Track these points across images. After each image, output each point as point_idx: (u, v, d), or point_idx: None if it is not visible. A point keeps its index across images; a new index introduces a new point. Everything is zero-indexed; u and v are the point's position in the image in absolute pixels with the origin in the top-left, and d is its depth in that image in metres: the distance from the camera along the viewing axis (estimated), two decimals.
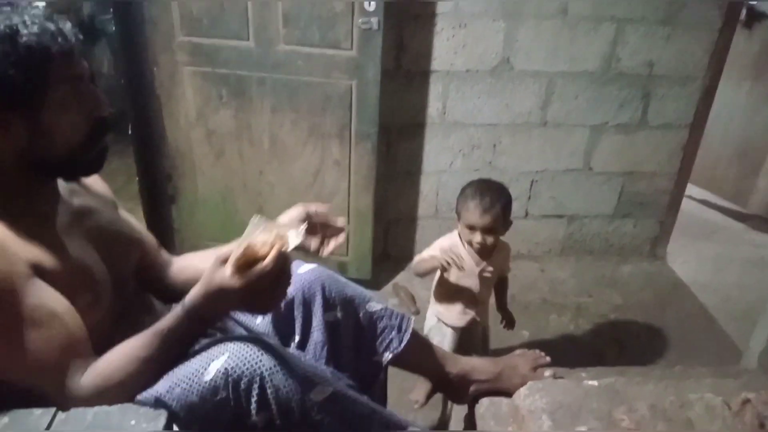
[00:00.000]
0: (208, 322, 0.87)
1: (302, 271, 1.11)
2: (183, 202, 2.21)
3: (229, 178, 2.13)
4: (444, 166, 2.37)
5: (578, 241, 2.61)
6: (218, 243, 2.20)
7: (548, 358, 1.27)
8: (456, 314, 1.68)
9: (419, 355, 1.20)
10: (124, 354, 0.83)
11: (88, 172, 0.91)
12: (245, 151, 2.07)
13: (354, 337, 1.12)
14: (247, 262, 0.79)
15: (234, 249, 0.80)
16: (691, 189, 2.93)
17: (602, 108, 2.32)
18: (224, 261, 0.80)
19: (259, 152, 2.07)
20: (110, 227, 0.98)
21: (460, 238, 1.66)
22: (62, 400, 0.79)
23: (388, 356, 1.15)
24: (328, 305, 1.09)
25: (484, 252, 1.62)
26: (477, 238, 1.56)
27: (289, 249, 0.81)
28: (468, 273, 1.64)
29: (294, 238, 0.81)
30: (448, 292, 1.68)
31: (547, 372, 1.20)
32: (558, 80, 2.24)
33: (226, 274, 0.79)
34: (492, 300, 1.79)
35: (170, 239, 2.31)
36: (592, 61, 2.23)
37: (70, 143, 0.84)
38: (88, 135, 0.85)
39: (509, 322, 1.81)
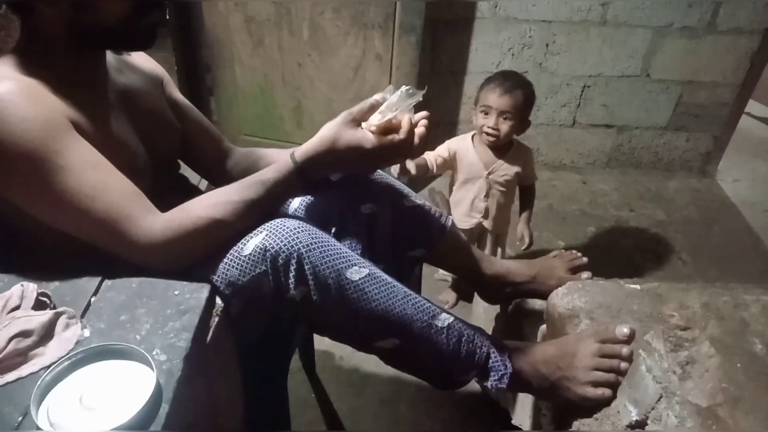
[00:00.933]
0: (314, 179, 0.89)
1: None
2: (222, 94, 2.18)
3: (268, 70, 2.07)
4: (491, 66, 2.24)
5: (626, 153, 2.50)
6: (256, 136, 2.22)
7: (585, 259, 1.24)
8: (461, 215, 1.65)
9: (455, 254, 1.18)
10: (212, 200, 0.83)
11: (138, 47, 0.88)
12: (284, 40, 1.99)
13: (391, 230, 1.11)
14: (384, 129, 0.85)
15: (360, 110, 0.85)
16: (752, 105, 2.73)
17: (669, 7, 2.13)
18: (354, 121, 0.85)
19: (299, 42, 1.99)
20: (154, 110, 0.97)
21: (472, 140, 1.60)
22: (132, 248, 0.78)
23: (424, 252, 1.15)
24: (365, 196, 1.07)
25: (496, 145, 1.54)
26: (490, 121, 1.49)
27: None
28: (474, 175, 1.59)
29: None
30: (457, 192, 1.65)
31: (585, 274, 1.18)
32: None
33: (367, 136, 0.84)
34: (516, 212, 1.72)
35: None
36: None
37: (115, 15, 0.80)
38: (134, 6, 0.81)
39: (526, 239, 1.70)
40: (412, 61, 1.96)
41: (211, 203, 0.83)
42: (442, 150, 1.60)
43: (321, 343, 1.44)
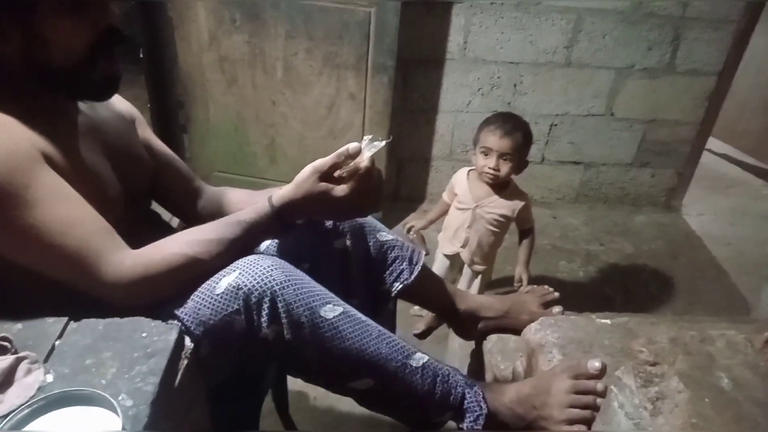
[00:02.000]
0: (290, 224, 0.90)
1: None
2: (195, 131, 2.18)
3: (242, 107, 2.08)
4: (461, 105, 2.30)
5: (593, 188, 2.57)
6: (230, 173, 2.21)
7: (557, 294, 1.26)
8: (444, 240, 1.73)
9: (428, 289, 1.19)
10: (185, 237, 0.83)
11: (94, 96, 0.86)
12: (258, 79, 2.01)
13: (364, 265, 1.11)
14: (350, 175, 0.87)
15: (329, 161, 0.85)
16: (712, 142, 2.85)
17: (630, 49, 2.23)
18: (329, 170, 0.85)
19: (273, 81, 2.01)
20: (126, 146, 0.96)
21: (468, 175, 1.66)
22: (101, 285, 0.76)
23: (398, 287, 1.15)
24: (338, 232, 1.07)
25: (496, 182, 1.59)
26: (491, 162, 1.54)
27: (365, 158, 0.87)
28: (464, 205, 1.65)
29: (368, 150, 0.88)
30: (449, 217, 1.72)
31: (556, 308, 1.19)
32: (587, 17, 2.14)
33: (339, 186, 0.85)
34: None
35: None
36: None
37: (71, 56, 0.78)
38: (92, 47, 0.79)
39: (524, 281, 1.72)
40: (385, 100, 2.00)
41: (184, 240, 0.82)
42: (447, 189, 1.71)
43: (294, 383, 1.41)
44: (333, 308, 0.84)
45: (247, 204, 1.08)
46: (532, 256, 1.76)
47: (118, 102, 1.01)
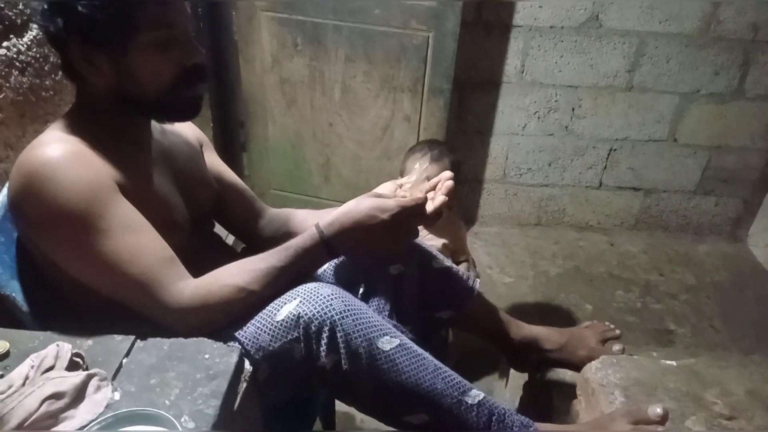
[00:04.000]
0: (339, 249, 0.91)
1: None
2: (254, 150, 2.24)
3: (299, 128, 2.13)
4: (516, 128, 2.28)
5: (653, 215, 2.48)
6: (285, 191, 2.26)
7: (618, 332, 1.22)
8: None
9: (482, 318, 1.18)
10: (238, 268, 0.85)
11: (180, 118, 0.93)
12: (316, 100, 2.06)
13: (418, 292, 1.10)
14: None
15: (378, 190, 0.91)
16: None
17: (695, 74, 2.15)
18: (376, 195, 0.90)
19: (330, 102, 2.05)
20: (194, 171, 1.01)
21: None
22: (161, 312, 0.81)
23: (451, 314, 1.14)
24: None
25: None
26: (404, 179, 1.47)
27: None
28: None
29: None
30: None
31: (617, 346, 1.15)
32: (650, 41, 2.09)
33: (387, 203, 0.87)
34: None
35: None
36: (689, 21, 2.05)
37: (158, 88, 0.84)
38: (177, 82, 0.85)
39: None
40: (440, 123, 2.00)
41: (236, 271, 0.85)
42: None
43: (341, 404, 1.42)
44: (390, 340, 0.84)
45: (303, 219, 1.10)
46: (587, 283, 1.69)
47: (187, 127, 1.06)
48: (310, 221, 1.07)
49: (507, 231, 2.46)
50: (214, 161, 1.12)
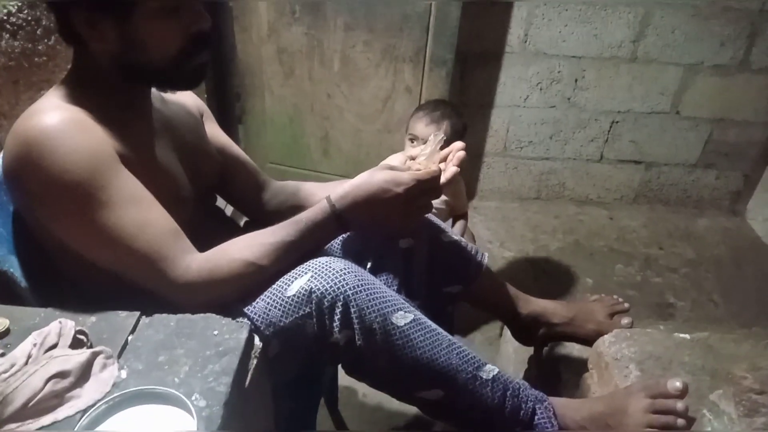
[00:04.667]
0: (350, 223, 0.87)
1: None
2: (251, 122, 2.19)
3: (298, 100, 2.08)
4: (518, 100, 2.24)
5: (654, 189, 2.46)
6: (283, 165, 2.22)
7: (626, 305, 1.21)
8: None
9: (490, 293, 1.16)
10: (246, 242, 0.82)
11: (184, 87, 0.88)
12: (315, 71, 2.00)
13: (427, 266, 1.08)
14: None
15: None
16: None
17: (701, 45, 2.11)
18: (389, 167, 0.86)
19: (329, 73, 2.00)
20: (196, 142, 0.97)
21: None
22: (169, 282, 0.78)
23: (460, 289, 1.12)
24: None
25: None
26: (417, 150, 1.48)
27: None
28: None
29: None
30: None
31: (625, 320, 1.14)
32: (656, 11, 2.04)
33: (401, 176, 0.84)
34: None
35: None
36: None
37: (163, 55, 0.80)
38: (183, 49, 0.81)
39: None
40: (442, 94, 1.96)
41: (245, 245, 0.82)
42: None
43: (343, 378, 1.41)
44: (404, 315, 0.82)
45: (312, 193, 1.07)
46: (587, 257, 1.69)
47: (188, 96, 1.02)
48: (320, 194, 1.03)
49: (507, 205, 2.44)
50: (215, 132, 1.08)
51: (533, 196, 2.47)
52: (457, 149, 0.95)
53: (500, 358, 1.64)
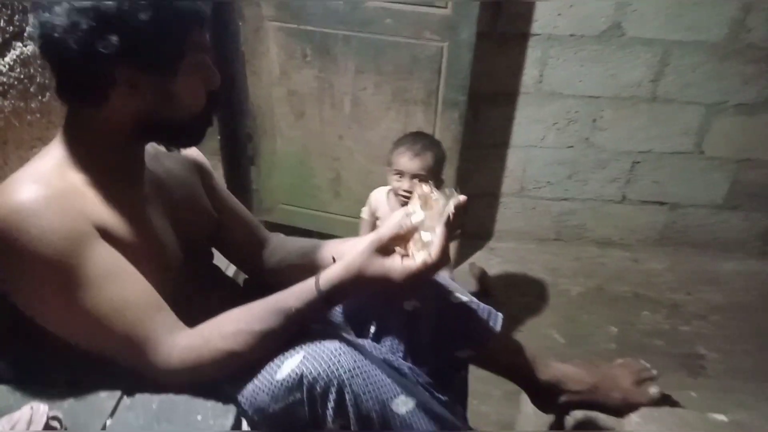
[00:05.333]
0: (338, 303, 0.84)
1: None
2: (262, 164, 2.16)
3: (308, 141, 2.05)
4: (534, 140, 2.18)
5: (679, 231, 2.36)
6: (294, 205, 2.18)
7: (654, 372, 1.12)
8: None
9: (506, 356, 1.08)
10: (232, 329, 0.76)
11: (194, 142, 0.88)
12: (326, 113, 1.98)
13: (435, 329, 1.01)
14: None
15: (388, 234, 0.75)
16: None
17: (723, 84, 2.04)
18: (383, 249, 0.75)
19: (340, 115, 1.97)
20: (190, 199, 0.93)
21: (387, 196, 1.62)
22: (151, 366, 0.73)
23: (470, 353, 1.04)
24: None
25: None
26: (405, 184, 1.49)
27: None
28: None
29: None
30: None
31: (653, 389, 1.05)
32: (675, 50, 1.98)
33: (395, 266, 0.74)
34: None
35: (249, 200, 2.28)
36: (717, 29, 1.95)
37: (191, 111, 0.80)
38: (202, 106, 0.81)
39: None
40: (455, 136, 1.91)
41: (230, 332, 0.76)
42: (367, 208, 1.66)
43: None
44: (405, 401, 0.75)
45: (304, 255, 1.02)
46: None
47: (185, 150, 0.98)
48: (324, 256, 0.98)
49: (524, 247, 2.36)
50: (215, 185, 1.03)
51: (552, 237, 2.39)
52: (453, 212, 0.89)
53: (520, 415, 1.54)
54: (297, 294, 0.76)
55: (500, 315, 1.09)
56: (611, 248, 2.37)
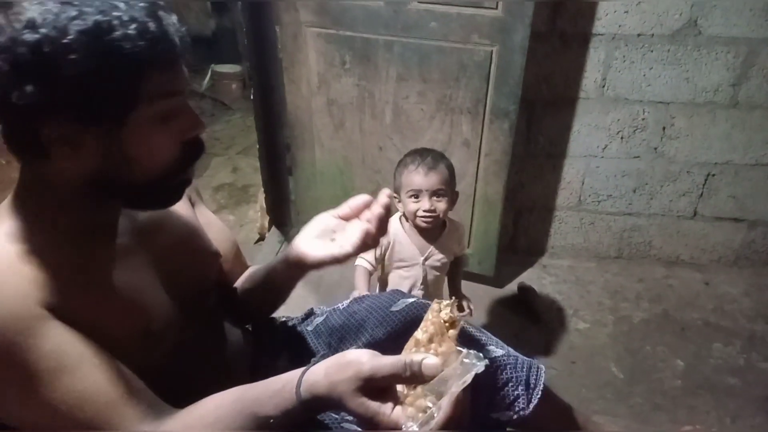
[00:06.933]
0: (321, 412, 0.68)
1: (397, 308, 0.89)
2: (300, 174, 2.08)
3: (348, 152, 1.95)
4: (595, 149, 1.99)
5: (758, 251, 2.11)
6: None
7: None
8: None
9: (552, 420, 0.94)
10: (206, 424, 0.65)
11: (163, 205, 0.74)
12: (366, 123, 1.87)
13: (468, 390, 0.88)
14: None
15: (384, 372, 0.57)
16: None
17: None
18: (361, 380, 0.57)
19: (381, 125, 1.85)
20: (185, 239, 0.82)
21: (401, 223, 1.47)
22: None
23: (512, 416, 0.91)
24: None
25: (433, 227, 1.42)
26: (425, 204, 1.36)
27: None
28: (409, 261, 1.45)
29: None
30: (391, 275, 1.50)
31: None
32: (761, 50, 1.75)
33: (382, 411, 0.56)
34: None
35: (287, 211, 2.22)
36: None
37: (150, 171, 0.66)
38: (173, 162, 0.68)
39: (467, 303, 1.54)
40: (504, 148, 1.76)
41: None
42: (372, 257, 1.46)
43: None
44: None
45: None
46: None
47: None
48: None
49: (582, 265, 2.17)
50: (206, 215, 0.93)
51: (613, 254, 2.20)
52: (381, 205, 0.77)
53: None
54: (275, 403, 0.62)
55: (543, 368, 0.95)
56: (680, 269, 2.14)
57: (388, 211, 0.80)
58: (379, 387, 0.57)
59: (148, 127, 0.63)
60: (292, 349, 0.98)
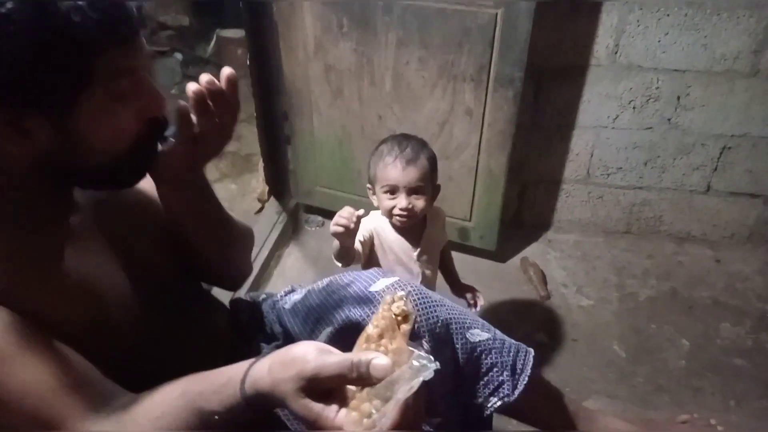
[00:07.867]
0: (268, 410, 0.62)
1: (377, 288, 0.84)
2: (299, 144, 2.02)
3: (347, 121, 1.88)
4: (606, 120, 1.90)
5: None
6: (333, 189, 2.04)
7: (721, 429, 0.90)
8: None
9: (540, 407, 0.90)
10: (150, 419, 0.61)
11: (123, 186, 0.69)
12: (365, 91, 1.80)
13: (450, 374, 0.84)
14: None
15: (329, 374, 0.52)
16: None
17: None
18: (303, 380, 0.52)
19: (380, 93, 1.78)
20: (149, 219, 0.78)
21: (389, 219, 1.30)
22: None
23: (495, 402, 0.87)
24: (413, 333, 0.81)
25: (411, 224, 1.26)
26: (402, 202, 1.21)
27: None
28: (402, 260, 1.31)
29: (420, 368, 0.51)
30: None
31: None
32: None
33: (326, 421, 0.51)
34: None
35: (286, 181, 2.17)
36: None
37: (107, 153, 0.62)
38: (132, 142, 0.63)
39: (472, 294, 1.43)
40: (508, 118, 1.68)
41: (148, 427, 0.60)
42: (360, 234, 1.27)
43: None
44: None
45: None
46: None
47: None
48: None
49: (589, 240, 2.11)
50: None
51: (622, 229, 2.12)
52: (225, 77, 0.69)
53: None
54: (219, 400, 0.58)
55: (531, 352, 0.90)
56: (691, 245, 2.07)
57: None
58: (324, 387, 0.52)
59: (104, 108, 0.59)
60: (269, 328, 0.94)
